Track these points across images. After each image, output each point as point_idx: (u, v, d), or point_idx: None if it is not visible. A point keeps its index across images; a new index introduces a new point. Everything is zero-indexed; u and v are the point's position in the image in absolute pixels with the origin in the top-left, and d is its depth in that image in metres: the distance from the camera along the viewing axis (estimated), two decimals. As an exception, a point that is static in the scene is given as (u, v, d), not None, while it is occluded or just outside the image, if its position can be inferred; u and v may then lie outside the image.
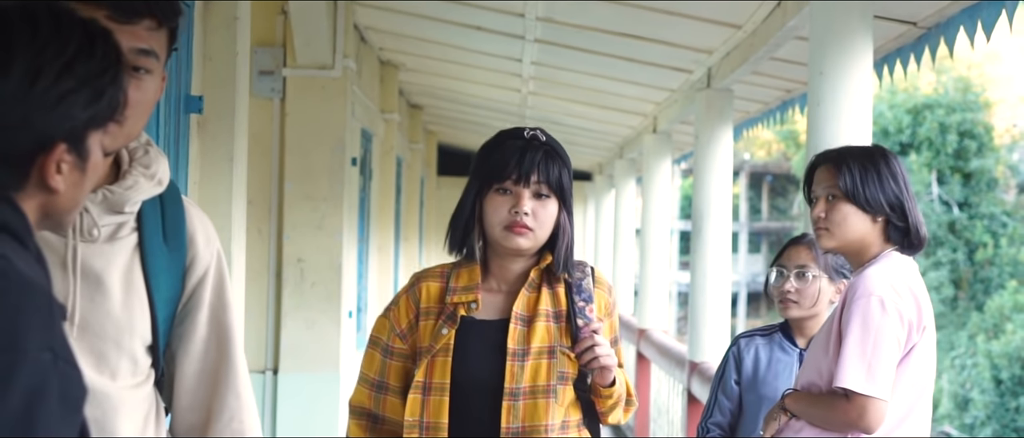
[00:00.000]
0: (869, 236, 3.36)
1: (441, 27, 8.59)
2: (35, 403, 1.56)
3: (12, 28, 1.70)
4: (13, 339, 1.57)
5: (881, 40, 6.01)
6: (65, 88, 1.69)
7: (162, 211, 2.22)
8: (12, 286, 1.60)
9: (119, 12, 2.03)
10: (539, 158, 2.88)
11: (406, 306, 2.98)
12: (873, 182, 3.36)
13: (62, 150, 1.70)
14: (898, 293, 3.22)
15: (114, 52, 1.76)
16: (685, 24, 6.85)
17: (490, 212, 2.89)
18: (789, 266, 3.94)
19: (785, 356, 4.01)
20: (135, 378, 2.18)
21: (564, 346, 2.90)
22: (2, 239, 1.66)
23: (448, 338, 2.88)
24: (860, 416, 3.22)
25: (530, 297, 2.94)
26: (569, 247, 2.94)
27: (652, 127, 11.04)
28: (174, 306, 2.26)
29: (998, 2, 4.85)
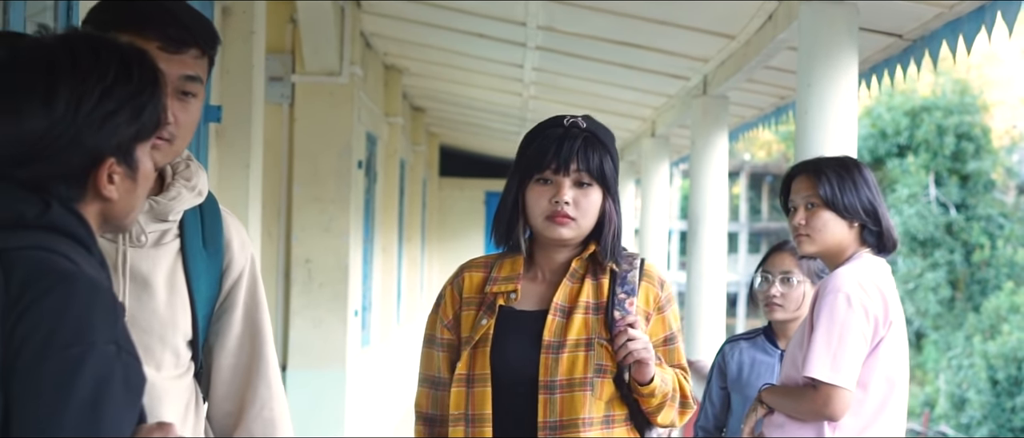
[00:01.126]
0: (846, 240, 3.60)
1: (444, 34, 8.83)
2: (102, 389, 1.80)
3: (56, 61, 1.95)
4: (83, 333, 1.81)
5: (869, 51, 6.26)
6: (108, 109, 1.93)
7: (202, 219, 2.45)
8: (81, 288, 1.84)
9: (169, 44, 2.27)
10: (578, 146, 2.81)
11: (451, 297, 2.95)
12: (850, 190, 3.61)
13: (112, 163, 1.94)
14: (865, 290, 3.47)
15: (150, 73, 2.00)
16: (681, 34, 7.09)
17: (532, 203, 2.85)
18: (774, 272, 4.19)
19: (767, 357, 4.25)
20: (177, 370, 2.41)
21: (602, 338, 2.82)
22: (72, 246, 1.91)
23: (487, 328, 2.84)
24: (825, 404, 3.47)
25: (572, 288, 2.88)
26: (615, 235, 2.87)
27: (651, 131, 11.28)
28: (212, 305, 2.48)
29: (978, 18, 5.10)
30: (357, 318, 8.64)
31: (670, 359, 2.94)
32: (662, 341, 2.92)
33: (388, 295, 11.58)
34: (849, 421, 3.55)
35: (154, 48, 2.22)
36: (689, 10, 6.54)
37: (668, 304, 2.94)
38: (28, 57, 1.97)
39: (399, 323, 12.85)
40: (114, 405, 1.81)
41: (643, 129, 11.71)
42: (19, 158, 1.92)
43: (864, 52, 6.24)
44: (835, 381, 3.46)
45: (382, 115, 10.76)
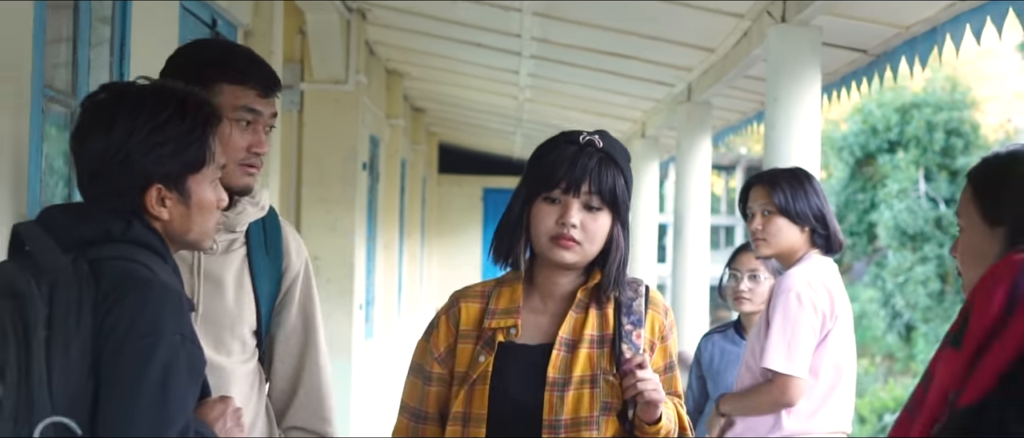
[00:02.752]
0: (797, 243, 4.11)
1: (444, 43, 9.32)
2: (169, 370, 2.30)
3: (124, 98, 2.46)
4: (155, 327, 2.31)
5: (837, 64, 6.80)
6: (155, 141, 2.42)
7: (264, 229, 2.94)
8: (155, 290, 2.34)
9: (263, 91, 2.80)
10: (592, 165, 2.63)
11: (445, 329, 2.76)
12: (801, 198, 4.12)
13: (160, 189, 2.43)
14: (813, 288, 3.98)
15: (204, 118, 2.48)
16: (666, 47, 7.60)
17: (537, 222, 2.67)
18: (742, 269, 4.70)
19: (735, 348, 4.76)
20: (243, 356, 2.89)
21: (608, 374, 2.66)
22: (150, 257, 2.41)
23: (486, 366, 2.66)
24: (782, 392, 3.98)
25: (577, 319, 2.71)
26: (622, 264, 2.70)
27: (641, 132, 11.79)
28: (273, 301, 2.96)
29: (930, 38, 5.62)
30: (362, 312, 9.13)
31: (667, 387, 2.79)
32: (663, 369, 2.79)
33: (390, 290, 12.08)
34: (802, 404, 4.06)
35: (253, 95, 2.74)
36: (673, 26, 7.04)
37: (671, 332, 2.81)
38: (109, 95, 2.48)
39: (400, 316, 13.34)
40: (179, 383, 2.31)
41: (634, 130, 12.21)
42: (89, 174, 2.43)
43: (833, 65, 6.78)
44: (789, 370, 3.97)
45: (384, 117, 11.25)
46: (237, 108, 2.76)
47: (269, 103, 2.82)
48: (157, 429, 2.24)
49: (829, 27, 5.78)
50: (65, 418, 2.25)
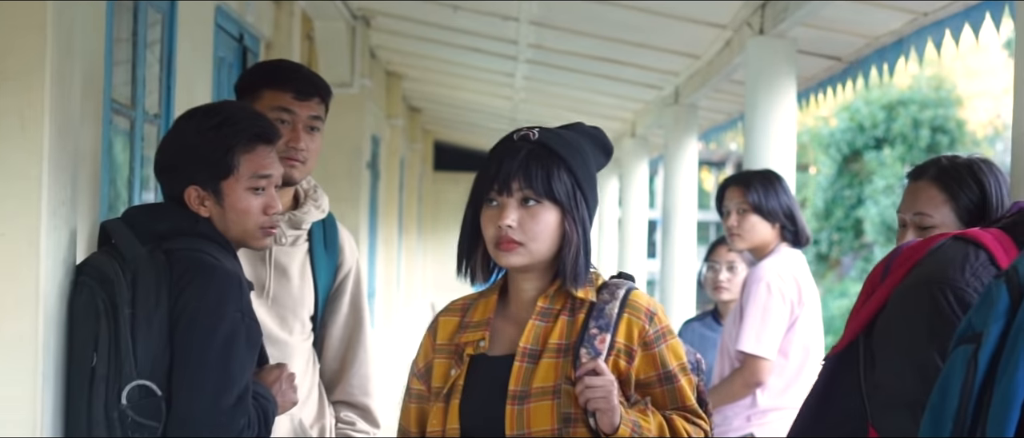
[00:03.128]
0: (769, 238, 4.60)
1: (443, 48, 9.81)
2: (230, 342, 2.78)
3: (181, 118, 2.98)
4: (219, 306, 2.79)
5: (813, 71, 7.30)
6: (192, 146, 2.91)
7: (324, 229, 3.40)
8: (218, 276, 2.82)
9: (299, 94, 3.24)
10: (520, 160, 2.53)
11: (426, 345, 2.72)
12: (772, 197, 4.61)
13: (198, 189, 2.90)
14: (782, 279, 4.47)
15: (240, 134, 2.90)
16: (654, 53, 8.10)
17: (484, 229, 2.58)
18: (720, 261, 5.18)
19: (712, 333, 5.26)
20: (303, 335, 3.34)
21: (569, 382, 2.50)
22: (213, 247, 2.89)
23: (456, 379, 2.59)
24: (753, 373, 4.48)
25: (544, 328, 2.57)
26: (577, 259, 2.55)
27: (631, 132, 12.28)
28: (328, 291, 3.41)
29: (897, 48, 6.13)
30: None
31: (669, 402, 2.58)
32: (656, 381, 2.57)
33: (390, 283, 12.56)
34: (774, 382, 4.55)
35: (289, 97, 3.21)
36: (661, 34, 7.54)
37: (661, 339, 2.57)
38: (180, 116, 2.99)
39: (399, 308, 13.82)
40: (239, 352, 2.80)
41: (624, 130, 12.70)
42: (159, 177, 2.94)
43: (810, 71, 7.28)
44: (759, 352, 4.46)
45: (384, 118, 11.72)
46: (275, 108, 3.22)
47: (306, 105, 3.25)
48: (220, 390, 2.74)
49: (805, 37, 6.27)
50: (147, 381, 2.74)
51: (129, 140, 3.90)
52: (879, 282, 2.42)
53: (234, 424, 2.77)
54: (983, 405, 1.87)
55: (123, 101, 3.80)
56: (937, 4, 5.39)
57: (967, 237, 2.34)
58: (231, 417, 2.74)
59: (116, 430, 2.75)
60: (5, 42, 2.79)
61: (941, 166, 2.89)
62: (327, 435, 3.41)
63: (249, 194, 2.90)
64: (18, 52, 2.79)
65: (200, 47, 4.75)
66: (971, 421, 1.87)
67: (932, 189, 2.86)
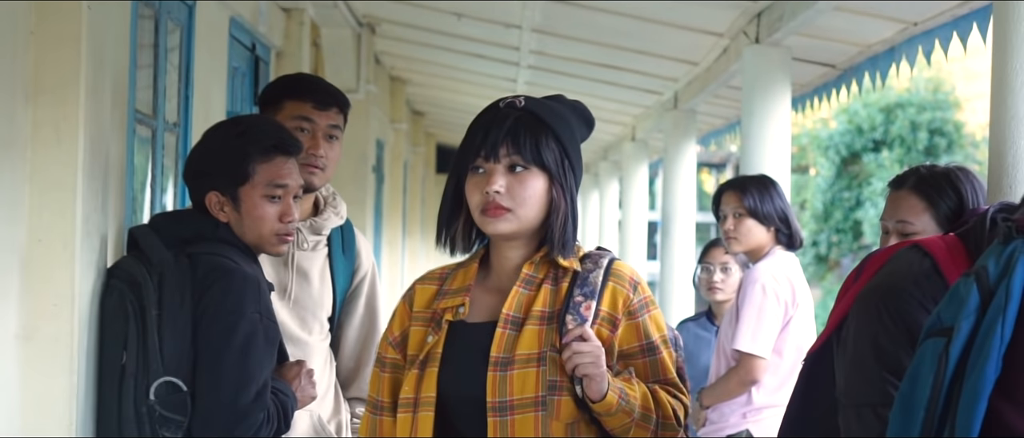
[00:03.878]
0: (764, 241, 4.78)
1: (446, 54, 9.99)
2: (249, 340, 2.96)
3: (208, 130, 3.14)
4: (238, 306, 2.97)
5: (809, 77, 7.49)
6: (214, 153, 3.10)
7: (342, 235, 3.56)
8: (238, 278, 3.00)
9: (318, 104, 3.40)
10: (508, 126, 2.49)
11: (401, 313, 2.66)
12: (768, 202, 4.78)
13: (216, 194, 3.08)
14: (777, 281, 4.65)
15: (254, 146, 3.07)
16: (654, 60, 8.29)
17: (469, 197, 2.53)
18: (714, 263, 5.36)
19: (706, 333, 5.44)
20: (321, 335, 3.50)
21: (555, 350, 2.47)
22: (234, 251, 3.07)
23: (433, 345, 2.53)
24: (748, 371, 4.65)
25: (527, 295, 2.53)
26: (565, 226, 2.52)
27: (631, 135, 12.46)
28: (345, 293, 3.57)
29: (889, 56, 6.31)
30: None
31: (651, 373, 2.55)
32: (639, 351, 2.55)
33: (394, 284, 12.74)
34: (768, 379, 4.73)
35: (309, 107, 3.39)
36: (661, 42, 7.72)
37: (644, 308, 2.55)
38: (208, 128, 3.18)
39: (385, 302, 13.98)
40: (257, 350, 2.97)
41: (624, 133, 12.88)
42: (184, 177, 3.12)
43: (805, 78, 7.47)
44: (755, 351, 4.64)
45: (388, 122, 11.90)
46: (295, 118, 3.39)
47: (325, 114, 3.41)
48: (239, 385, 2.91)
49: (800, 45, 6.45)
50: (173, 378, 2.93)
51: (150, 148, 4.08)
52: (852, 285, 2.58)
53: (253, 418, 2.93)
54: (953, 400, 2.03)
55: (145, 110, 3.97)
56: (926, 14, 5.57)
57: (920, 245, 2.50)
58: (250, 411, 2.91)
59: (145, 424, 2.93)
60: (41, 56, 2.97)
61: (920, 175, 3.06)
62: (343, 431, 3.58)
63: (265, 201, 3.07)
64: (53, 66, 2.97)
65: (216, 57, 4.93)
66: (941, 412, 2.04)
67: (912, 198, 3.04)
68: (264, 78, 5.93)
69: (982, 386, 1.97)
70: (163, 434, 2.92)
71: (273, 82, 3.65)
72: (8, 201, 2.88)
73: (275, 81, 3.67)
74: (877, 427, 2.31)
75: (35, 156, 2.96)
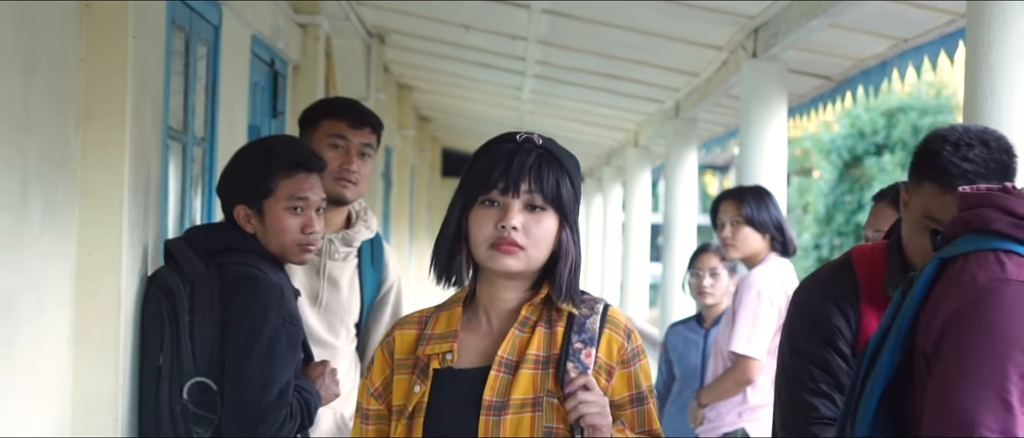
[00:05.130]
0: (760, 248, 5.03)
1: (454, 63, 10.25)
2: (272, 344, 3.21)
3: (238, 150, 3.40)
4: (263, 312, 3.22)
5: (805, 88, 7.75)
6: (241, 171, 3.36)
7: (372, 247, 3.81)
8: (263, 286, 3.25)
9: (352, 123, 3.68)
10: (531, 162, 2.39)
11: (381, 361, 2.51)
12: (764, 211, 5.04)
13: (244, 208, 3.34)
14: (771, 286, 4.90)
15: (279, 163, 3.33)
16: (656, 71, 8.56)
17: (475, 229, 2.40)
18: (704, 268, 5.62)
19: (695, 336, 5.70)
20: (348, 340, 3.76)
21: (552, 396, 2.38)
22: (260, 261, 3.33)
23: (420, 396, 2.41)
24: (744, 372, 4.91)
25: (521, 338, 2.43)
26: (573, 271, 2.44)
27: (634, 142, 12.72)
28: (372, 301, 3.82)
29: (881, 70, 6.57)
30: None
31: (639, 423, 2.49)
32: (628, 401, 2.48)
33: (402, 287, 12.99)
34: (763, 380, 4.97)
35: (344, 125, 3.65)
36: (661, 54, 7.99)
37: (636, 358, 2.49)
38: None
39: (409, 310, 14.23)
40: (280, 352, 3.23)
41: (627, 139, 13.14)
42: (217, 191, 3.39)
43: (802, 89, 7.74)
44: (750, 353, 4.90)
45: (396, 128, 12.17)
46: (331, 135, 3.67)
47: (358, 133, 3.69)
48: (264, 385, 3.18)
49: (797, 58, 6.71)
50: (205, 378, 3.19)
51: (181, 162, 4.34)
52: None
53: (276, 415, 3.18)
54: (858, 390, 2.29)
55: (177, 127, 4.23)
56: (916, 31, 5.84)
57: (851, 252, 2.79)
58: (273, 409, 3.18)
59: (179, 422, 3.20)
60: (91, 84, 3.24)
61: (898, 190, 3.33)
62: None
63: (287, 214, 3.33)
64: (102, 93, 3.24)
65: (238, 73, 5.20)
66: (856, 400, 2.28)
67: (890, 210, 3.32)
68: (282, 91, 6.19)
69: (874, 386, 2.22)
70: (196, 430, 3.19)
71: (313, 104, 3.92)
72: (61, 217, 3.15)
73: (315, 103, 3.95)
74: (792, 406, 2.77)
75: (84, 176, 3.23)
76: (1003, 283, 2.09)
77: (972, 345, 2.06)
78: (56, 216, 3.11)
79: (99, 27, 3.23)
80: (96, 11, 3.23)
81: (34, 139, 2.95)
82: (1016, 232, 2.15)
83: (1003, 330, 2.05)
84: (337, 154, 3.62)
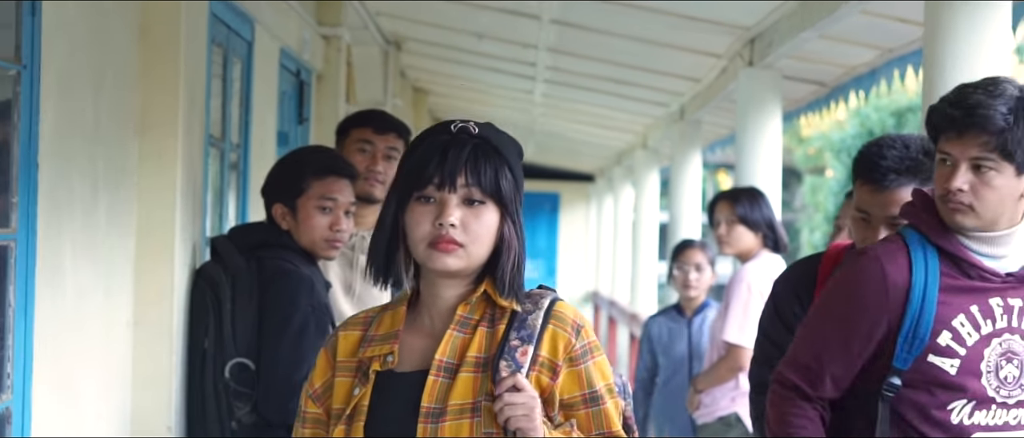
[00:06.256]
0: (752, 245, 5.44)
1: (468, 69, 10.69)
2: (302, 329, 3.63)
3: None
4: (294, 301, 3.64)
5: (801, 94, 8.16)
6: (277, 177, 3.77)
7: None
8: (294, 278, 3.68)
9: (377, 129, 4.11)
10: (466, 155, 2.25)
11: (323, 363, 2.39)
12: (757, 210, 5.45)
13: (280, 205, 3.75)
14: (760, 279, 5.30)
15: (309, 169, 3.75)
16: (660, 77, 8.99)
17: (412, 227, 2.28)
18: (688, 263, 6.03)
19: (675, 324, 6.12)
20: None
21: (491, 399, 2.25)
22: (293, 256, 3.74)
23: (359, 398, 2.30)
24: (736, 360, 5.31)
25: (462, 340, 2.30)
26: (516, 265, 2.31)
27: (643, 143, 13.13)
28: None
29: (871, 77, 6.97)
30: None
31: (594, 425, 2.33)
32: (580, 401, 2.32)
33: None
34: (754, 369, 5.39)
35: (369, 131, 4.08)
36: (666, 62, 8.41)
37: (587, 354, 2.32)
38: None
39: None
40: (308, 338, 3.64)
41: (636, 141, 13.56)
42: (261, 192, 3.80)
43: (797, 94, 8.14)
44: (741, 342, 5.30)
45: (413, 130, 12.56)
46: (359, 141, 4.10)
47: (383, 138, 4.11)
48: (293, 365, 3.59)
49: (792, 66, 7.11)
50: (244, 359, 3.61)
51: (219, 167, 4.77)
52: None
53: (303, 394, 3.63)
54: None
55: (216, 134, 4.66)
56: (900, 42, 6.24)
57: (828, 247, 3.23)
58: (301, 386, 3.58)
59: (222, 397, 3.63)
60: (147, 100, 3.68)
61: None
62: None
63: (317, 212, 3.75)
64: (157, 108, 3.67)
65: (269, 84, 5.63)
66: None
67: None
68: (307, 99, 6.62)
69: None
70: (236, 405, 3.61)
71: (345, 118, 4.33)
72: (122, 216, 3.58)
73: (348, 116, 4.36)
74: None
75: (141, 181, 3.67)
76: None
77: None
78: (119, 215, 3.54)
79: (154, 48, 3.67)
80: (152, 34, 3.67)
81: (101, 148, 3.38)
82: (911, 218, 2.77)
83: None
84: (364, 157, 4.04)
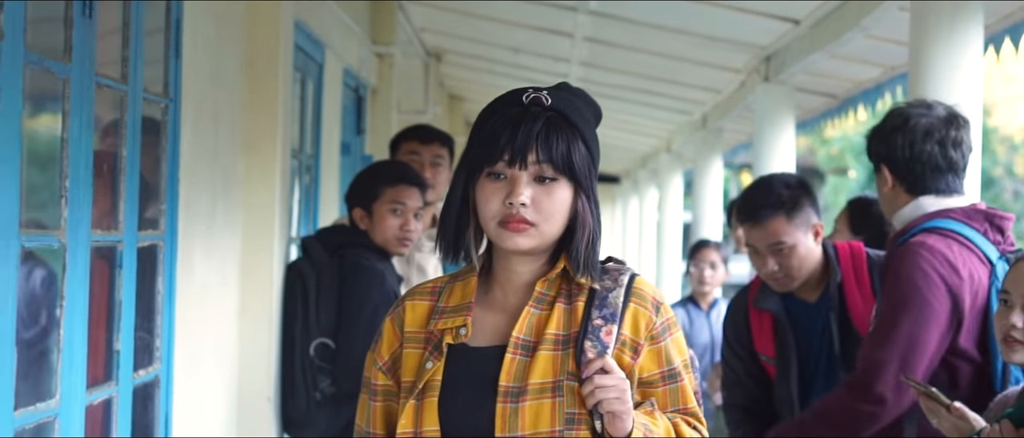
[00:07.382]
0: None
1: (502, 79, 11.33)
2: (374, 315, 4.26)
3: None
4: (368, 291, 4.29)
5: (815, 104, 8.80)
6: (357, 186, 4.46)
7: None
8: (368, 272, 4.33)
9: (423, 139, 4.78)
10: (538, 129, 2.17)
11: (390, 333, 2.33)
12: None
13: (359, 209, 4.41)
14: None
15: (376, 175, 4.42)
16: (683, 88, 9.65)
17: (482, 203, 2.21)
18: (705, 261, 6.69)
19: (698, 316, 6.75)
20: None
21: (573, 378, 2.18)
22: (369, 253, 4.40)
23: (433, 373, 2.22)
24: None
25: (539, 316, 2.24)
26: (591, 243, 2.23)
27: (667, 147, 13.77)
28: None
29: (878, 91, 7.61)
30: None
31: (670, 401, 2.28)
32: (659, 378, 2.26)
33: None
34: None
35: (417, 141, 4.73)
36: (688, 75, 9.06)
37: (667, 332, 2.27)
38: None
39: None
40: (379, 322, 4.16)
41: (660, 146, 14.20)
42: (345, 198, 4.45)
43: (811, 105, 8.78)
44: None
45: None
46: (407, 152, 4.76)
47: (428, 147, 4.77)
48: (365, 345, 4.02)
49: (806, 81, 7.76)
50: (326, 339, 4.28)
51: (298, 175, 5.45)
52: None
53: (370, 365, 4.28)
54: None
55: (296, 148, 5.35)
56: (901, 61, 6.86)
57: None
58: None
59: (308, 373, 4.30)
60: (251, 121, 4.35)
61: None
62: None
63: (389, 214, 4.40)
64: (259, 128, 4.35)
65: (334, 100, 6.32)
66: None
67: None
68: (364, 111, 7.30)
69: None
70: (319, 378, 4.27)
71: (396, 134, 4.99)
72: (233, 221, 4.26)
73: (397, 132, 5.02)
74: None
75: (247, 190, 4.35)
76: None
77: None
78: (230, 221, 4.22)
79: (258, 78, 4.35)
80: (255, 66, 4.35)
81: (219, 165, 4.07)
82: None
83: None
84: (413, 165, 4.70)
